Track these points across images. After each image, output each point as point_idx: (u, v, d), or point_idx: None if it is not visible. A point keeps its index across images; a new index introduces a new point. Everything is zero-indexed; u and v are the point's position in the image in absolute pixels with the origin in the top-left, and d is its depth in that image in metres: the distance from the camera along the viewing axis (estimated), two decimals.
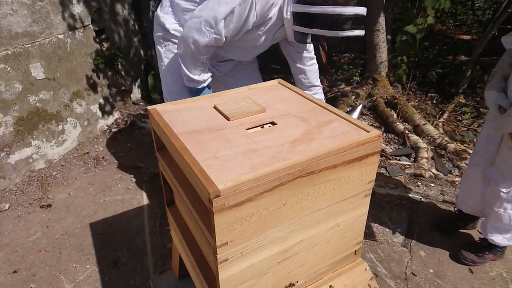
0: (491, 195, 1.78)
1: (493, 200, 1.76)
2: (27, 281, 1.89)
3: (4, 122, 2.44)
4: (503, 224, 1.78)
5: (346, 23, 1.62)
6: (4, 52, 2.35)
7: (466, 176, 1.99)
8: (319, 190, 1.06)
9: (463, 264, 1.95)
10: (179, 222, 1.42)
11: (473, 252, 1.94)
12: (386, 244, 2.10)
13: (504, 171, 1.68)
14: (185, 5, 1.95)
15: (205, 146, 1.05)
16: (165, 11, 2.03)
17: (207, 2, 1.71)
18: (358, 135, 1.10)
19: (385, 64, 3.63)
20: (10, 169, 2.53)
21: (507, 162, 1.66)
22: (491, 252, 1.92)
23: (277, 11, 1.77)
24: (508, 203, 1.72)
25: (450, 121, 3.27)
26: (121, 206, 2.39)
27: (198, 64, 1.82)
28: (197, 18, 1.70)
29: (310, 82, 2.22)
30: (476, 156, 1.88)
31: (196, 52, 1.75)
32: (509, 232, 1.83)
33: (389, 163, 2.77)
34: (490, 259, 1.93)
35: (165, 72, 2.09)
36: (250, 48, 1.98)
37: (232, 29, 1.73)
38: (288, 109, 1.28)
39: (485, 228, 1.88)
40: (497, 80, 1.63)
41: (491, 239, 1.86)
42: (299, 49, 2.12)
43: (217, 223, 0.91)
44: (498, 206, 1.74)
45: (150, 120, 1.29)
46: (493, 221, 1.80)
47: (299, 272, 1.22)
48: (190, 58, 1.79)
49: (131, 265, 1.97)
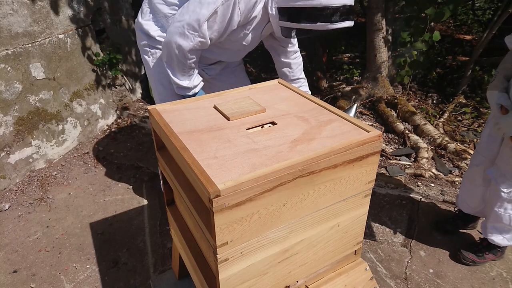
0: (491, 195, 1.78)
1: (493, 200, 1.76)
2: (27, 280, 1.89)
3: (4, 122, 2.44)
4: (503, 224, 1.78)
5: (334, 15, 1.53)
6: (4, 52, 2.36)
7: (467, 176, 1.99)
8: (319, 190, 1.06)
9: (463, 264, 1.95)
10: (179, 222, 1.42)
11: (473, 252, 1.94)
12: (386, 244, 2.10)
13: (505, 171, 1.68)
14: (166, 10, 1.86)
15: (205, 146, 1.05)
16: (146, 18, 1.93)
17: (187, 4, 1.65)
18: (358, 135, 1.10)
19: (386, 64, 3.63)
20: (10, 169, 2.53)
21: (508, 162, 1.66)
22: (491, 252, 1.92)
23: (262, 7, 1.69)
24: (508, 203, 1.72)
25: (450, 121, 3.27)
26: (121, 206, 2.39)
27: (185, 70, 1.75)
28: (179, 22, 1.62)
29: (295, 75, 2.16)
30: (478, 156, 1.88)
31: (181, 57, 1.68)
32: (509, 232, 1.83)
33: (389, 163, 2.77)
34: (490, 259, 1.93)
35: (155, 81, 2.00)
36: (238, 48, 1.91)
37: (217, 30, 1.67)
38: (288, 109, 1.28)
39: (485, 228, 1.87)
40: (499, 80, 1.63)
41: (491, 239, 1.86)
42: (284, 44, 2.06)
43: (217, 223, 0.91)
44: (498, 206, 1.74)
45: (150, 120, 1.29)
46: (493, 221, 1.80)
47: (299, 272, 1.22)
48: (176, 64, 1.72)
49: (131, 265, 1.97)
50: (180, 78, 1.77)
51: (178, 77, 1.76)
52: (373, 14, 3.43)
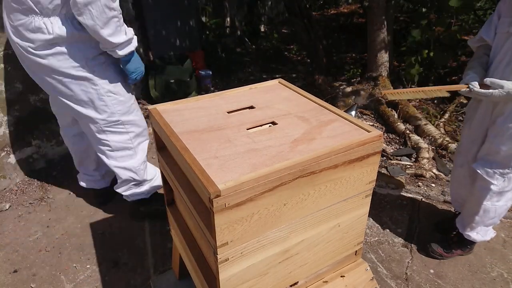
0: (479, 190, 1.78)
1: (482, 195, 1.76)
2: (28, 280, 1.89)
3: (4, 121, 2.44)
4: (489, 217, 1.80)
5: None
6: (5, 51, 2.35)
7: (453, 177, 2.04)
8: (319, 190, 1.06)
9: (431, 257, 1.98)
10: (179, 222, 1.42)
11: (442, 247, 1.98)
12: (386, 245, 2.09)
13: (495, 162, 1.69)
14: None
15: (206, 145, 1.05)
16: (19, 28, 1.60)
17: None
18: (359, 135, 1.10)
19: (386, 65, 3.63)
20: (11, 168, 2.53)
21: (498, 155, 1.66)
22: (460, 248, 1.97)
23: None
24: (497, 196, 1.74)
25: (451, 121, 3.27)
26: (122, 206, 2.39)
27: (120, 22, 1.60)
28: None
29: None
30: (460, 157, 1.93)
31: (110, 9, 1.52)
32: (488, 226, 1.87)
33: (390, 163, 2.77)
34: (458, 254, 1.98)
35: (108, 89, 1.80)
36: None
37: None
38: (289, 108, 1.27)
39: (463, 225, 1.91)
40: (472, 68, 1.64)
41: (467, 235, 1.90)
42: None
43: (218, 223, 0.90)
44: (487, 199, 1.75)
45: (150, 120, 1.29)
46: (481, 216, 1.81)
47: (300, 272, 1.21)
48: (107, 18, 1.53)
49: (131, 265, 1.97)
50: (117, 33, 1.61)
51: (116, 33, 1.60)
52: (374, 14, 3.43)
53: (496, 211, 1.78)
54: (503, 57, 1.57)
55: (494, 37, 1.63)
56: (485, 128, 1.72)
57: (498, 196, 1.74)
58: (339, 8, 7.78)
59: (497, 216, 1.81)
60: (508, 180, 1.69)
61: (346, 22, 6.69)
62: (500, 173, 1.68)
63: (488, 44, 1.68)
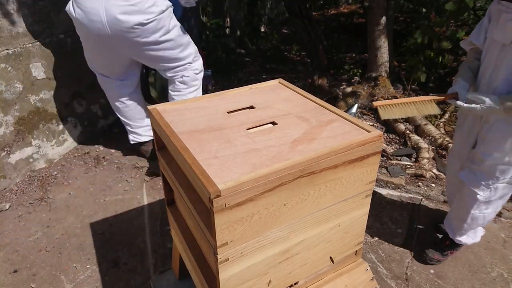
0: (466, 197, 1.76)
1: (469, 203, 1.75)
2: (28, 280, 1.89)
3: (4, 121, 2.44)
4: (478, 224, 1.80)
5: None
6: (5, 51, 2.35)
7: (448, 180, 2.04)
8: (319, 190, 1.06)
9: (429, 264, 1.96)
10: (179, 222, 1.42)
11: (438, 250, 1.97)
12: (386, 245, 2.09)
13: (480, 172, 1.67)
14: None
15: (206, 146, 1.05)
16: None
17: None
18: (359, 135, 1.10)
19: (386, 65, 3.63)
20: (11, 168, 2.53)
21: (483, 165, 1.64)
22: (454, 249, 1.97)
23: None
24: (484, 204, 1.72)
25: (451, 121, 3.27)
26: (122, 206, 2.39)
27: None
28: None
29: None
30: (453, 161, 1.92)
31: None
32: (473, 231, 1.88)
33: (390, 163, 2.77)
34: (454, 255, 1.99)
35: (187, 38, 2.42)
36: None
37: None
38: (289, 109, 1.27)
39: (452, 231, 1.90)
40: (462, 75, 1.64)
41: (458, 240, 1.90)
42: None
43: (218, 223, 0.90)
44: (474, 208, 1.74)
45: (150, 120, 1.29)
46: (469, 223, 1.80)
47: (300, 273, 1.21)
48: None
49: (132, 265, 1.97)
50: None
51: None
52: (374, 14, 3.43)
53: (485, 218, 1.78)
54: (488, 64, 1.55)
55: (485, 41, 1.59)
56: (476, 133, 1.70)
57: (486, 205, 1.72)
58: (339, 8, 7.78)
59: (486, 222, 1.81)
60: (495, 189, 1.67)
61: (346, 22, 6.68)
62: (485, 184, 1.66)
63: (479, 48, 1.65)
